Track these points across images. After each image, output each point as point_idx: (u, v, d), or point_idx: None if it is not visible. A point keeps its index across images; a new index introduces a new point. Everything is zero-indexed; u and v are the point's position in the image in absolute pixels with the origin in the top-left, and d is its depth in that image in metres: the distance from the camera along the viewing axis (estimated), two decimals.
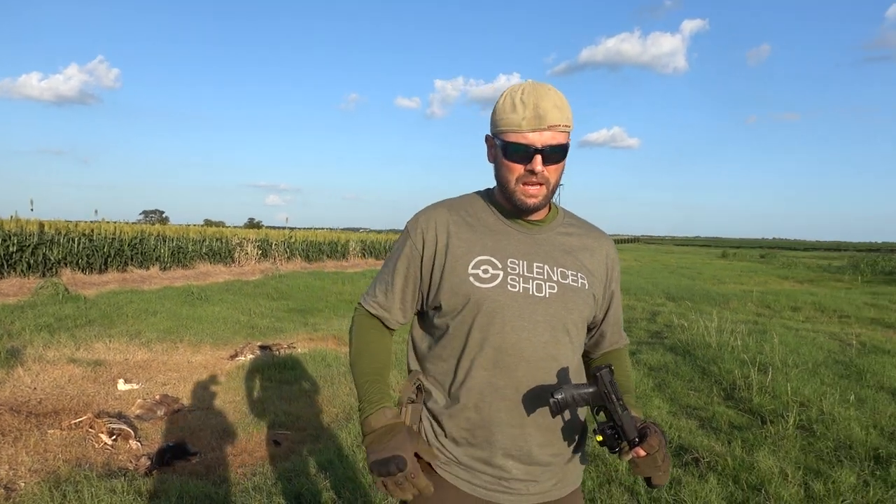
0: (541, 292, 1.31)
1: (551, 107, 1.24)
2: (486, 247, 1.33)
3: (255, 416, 4.59)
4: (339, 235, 27.04)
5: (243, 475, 3.51)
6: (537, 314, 1.29)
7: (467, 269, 1.31)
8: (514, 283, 1.30)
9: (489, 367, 1.29)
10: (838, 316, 10.80)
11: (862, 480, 3.44)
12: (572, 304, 1.33)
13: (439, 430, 1.36)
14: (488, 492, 1.32)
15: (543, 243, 1.37)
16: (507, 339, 1.28)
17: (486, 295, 1.29)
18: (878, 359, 6.52)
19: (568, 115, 1.27)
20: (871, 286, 17.85)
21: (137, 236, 16.94)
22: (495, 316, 1.28)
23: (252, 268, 19.17)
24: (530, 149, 1.25)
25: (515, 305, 1.29)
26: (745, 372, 5.61)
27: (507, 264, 1.32)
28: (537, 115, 1.24)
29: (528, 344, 1.28)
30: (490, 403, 1.29)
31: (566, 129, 1.27)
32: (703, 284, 17.45)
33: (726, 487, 3.35)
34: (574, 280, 1.35)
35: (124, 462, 3.65)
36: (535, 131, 1.24)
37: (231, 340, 7.42)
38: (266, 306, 10.73)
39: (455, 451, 1.34)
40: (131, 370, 5.77)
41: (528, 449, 1.31)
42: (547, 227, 1.39)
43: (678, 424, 4.39)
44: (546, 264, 1.34)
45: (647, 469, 1.24)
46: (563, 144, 1.27)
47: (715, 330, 7.70)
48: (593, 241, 1.44)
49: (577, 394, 1.22)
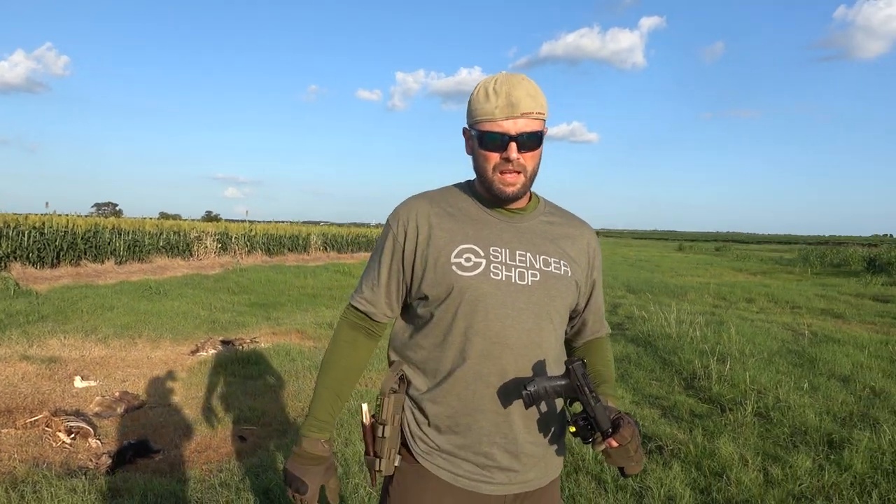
0: (523, 280, 1.31)
1: (524, 95, 1.26)
2: (469, 235, 1.34)
3: (219, 411, 4.51)
4: (301, 229, 26.67)
5: (209, 472, 3.45)
6: (520, 302, 1.30)
7: (450, 257, 1.31)
8: (497, 270, 1.31)
9: (473, 355, 1.29)
10: (790, 307, 11.17)
11: (817, 465, 3.57)
12: (555, 291, 1.34)
13: (422, 418, 1.36)
14: (471, 482, 1.32)
15: (525, 231, 1.37)
16: (490, 326, 1.29)
17: (468, 283, 1.29)
18: (828, 348, 6.77)
19: (542, 102, 1.29)
20: (821, 278, 18.49)
21: (91, 229, 16.41)
22: (478, 304, 1.29)
23: (211, 261, 18.81)
24: (505, 137, 1.27)
25: (498, 293, 1.29)
26: (704, 362, 5.76)
27: (490, 252, 1.32)
28: (510, 104, 1.25)
29: (511, 331, 1.29)
30: (474, 391, 1.30)
31: (540, 116, 1.29)
32: (662, 277, 17.83)
33: (689, 474, 3.44)
34: (556, 268, 1.36)
35: (84, 461, 3.55)
36: (508, 119, 1.26)
37: (192, 335, 7.27)
38: (227, 300, 10.55)
39: (438, 439, 1.34)
40: (88, 367, 5.61)
41: (512, 436, 1.32)
42: (528, 215, 1.40)
43: (642, 414, 4.48)
44: (528, 252, 1.35)
45: (620, 459, 1.25)
46: (538, 131, 1.29)
47: (674, 321, 7.88)
48: (575, 230, 1.45)
49: (550, 386, 1.23)
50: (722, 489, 3.26)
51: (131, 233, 17.77)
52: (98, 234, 16.56)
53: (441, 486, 1.33)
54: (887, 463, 3.54)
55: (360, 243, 28.93)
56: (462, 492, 1.32)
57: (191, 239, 19.59)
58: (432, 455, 1.34)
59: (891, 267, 19.41)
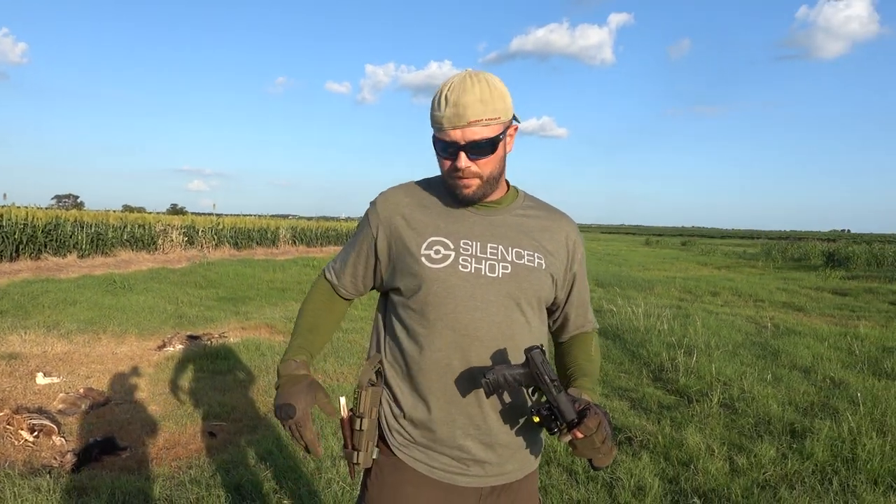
0: (494, 272, 1.31)
1: (473, 101, 1.24)
2: (440, 228, 1.34)
3: (187, 407, 4.44)
4: (269, 222, 26.35)
5: (178, 468, 3.40)
6: (490, 294, 1.30)
7: (420, 249, 1.32)
8: (466, 263, 1.31)
9: (444, 348, 1.30)
10: (754, 300, 11.43)
11: (781, 453, 3.67)
12: (526, 283, 1.33)
13: (398, 410, 1.36)
14: (446, 474, 1.33)
15: (499, 225, 1.37)
16: (459, 319, 1.29)
17: (436, 275, 1.30)
18: (790, 340, 6.96)
19: (496, 106, 1.26)
20: (782, 272, 18.96)
21: (52, 222, 15.97)
22: (447, 296, 1.29)
23: (178, 255, 18.47)
24: (453, 146, 1.27)
25: (467, 286, 1.30)
26: (671, 354, 5.87)
27: (460, 245, 1.32)
28: (457, 113, 1.24)
29: (481, 324, 1.29)
30: (446, 383, 1.31)
31: (491, 122, 1.26)
32: (630, 271, 18.08)
33: (658, 464, 3.50)
34: (530, 260, 1.35)
35: (48, 459, 3.47)
36: (455, 129, 1.25)
37: (158, 330, 7.14)
38: (194, 295, 10.38)
39: (413, 432, 1.35)
40: (51, 363, 5.47)
41: (487, 429, 1.32)
42: (504, 209, 1.40)
43: (611, 406, 4.55)
44: (501, 245, 1.34)
45: (586, 451, 1.22)
46: (487, 139, 1.26)
47: (642, 314, 8.02)
48: (553, 223, 1.44)
49: (510, 374, 1.23)
50: (689, 478, 3.33)
51: (94, 226, 17.34)
52: (59, 226, 16.11)
53: (418, 478, 1.34)
54: (847, 451, 3.66)
55: (330, 237, 28.71)
56: (439, 484, 1.33)
57: (156, 232, 19.20)
58: (409, 448, 1.35)
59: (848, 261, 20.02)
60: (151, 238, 18.99)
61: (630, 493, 3.12)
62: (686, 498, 3.12)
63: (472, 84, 1.25)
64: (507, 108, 1.28)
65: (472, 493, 1.34)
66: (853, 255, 20.51)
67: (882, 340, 7.10)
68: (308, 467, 3.33)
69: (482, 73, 1.28)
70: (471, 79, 1.26)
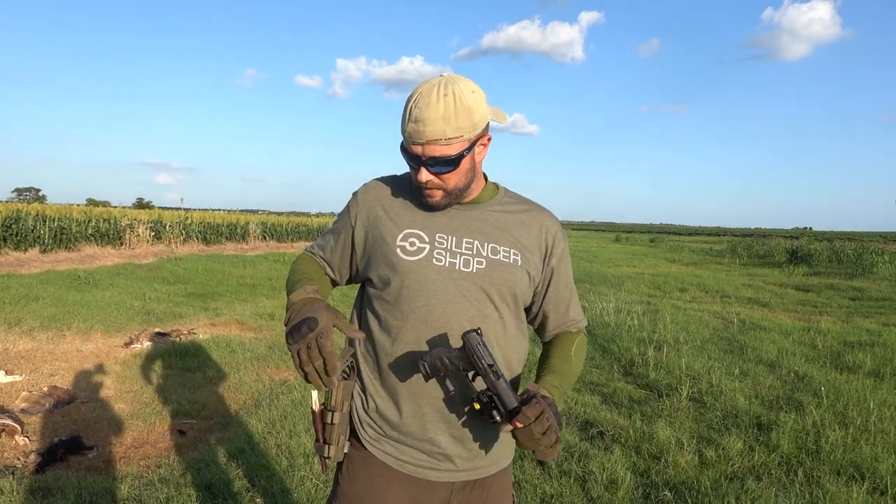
0: (468, 267, 1.31)
1: (435, 119, 1.20)
2: (416, 221, 1.35)
3: (156, 405, 4.36)
4: (239, 217, 25.96)
5: (147, 467, 3.34)
6: (463, 289, 1.30)
7: (396, 240, 1.32)
8: (441, 257, 1.31)
9: (414, 341, 1.30)
10: (720, 296, 11.66)
11: (748, 446, 3.75)
12: (500, 279, 1.32)
13: (370, 404, 1.36)
14: (417, 468, 1.33)
15: (476, 220, 1.37)
16: (431, 312, 1.29)
17: (410, 267, 1.30)
18: (756, 335, 7.11)
19: (458, 125, 1.22)
20: (748, 268, 19.37)
21: (13, 215, 15.48)
22: (420, 289, 1.29)
23: (144, 250, 18.12)
24: (415, 160, 1.26)
25: (440, 279, 1.29)
26: (641, 349, 5.95)
27: (436, 238, 1.32)
28: (417, 130, 1.22)
29: (453, 317, 1.29)
30: (417, 377, 1.30)
31: (452, 140, 1.22)
32: (600, 267, 18.29)
33: (630, 458, 3.55)
34: (506, 256, 1.34)
35: (11, 460, 3.37)
36: (415, 145, 1.24)
37: (125, 327, 7.00)
38: (162, 291, 10.20)
39: (384, 426, 1.35)
40: (12, 361, 5.32)
41: (457, 423, 1.32)
42: (482, 205, 1.39)
43: (583, 401, 4.59)
44: (476, 240, 1.34)
45: (526, 442, 1.16)
46: (448, 157, 1.23)
47: (613, 310, 8.12)
48: (531, 218, 1.42)
49: (447, 357, 1.22)
50: (660, 471, 3.38)
51: (57, 220, 16.87)
52: (20, 220, 15.64)
53: (388, 472, 1.34)
54: (811, 443, 3.76)
55: (300, 232, 28.43)
56: (409, 478, 1.33)
57: (122, 227, 18.79)
58: (380, 441, 1.35)
59: (811, 258, 20.52)
60: (117, 233, 18.57)
61: (602, 487, 3.16)
62: (657, 491, 3.16)
63: (436, 99, 1.21)
64: (473, 123, 1.24)
65: (444, 487, 1.34)
66: (815, 252, 21.03)
67: (843, 335, 7.30)
68: (280, 466, 3.30)
69: (454, 82, 1.23)
70: (438, 92, 1.21)
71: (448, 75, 1.26)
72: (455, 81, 1.23)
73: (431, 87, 1.22)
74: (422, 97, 1.22)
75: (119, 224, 18.76)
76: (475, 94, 1.24)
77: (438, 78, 1.25)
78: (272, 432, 3.74)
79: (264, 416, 4.00)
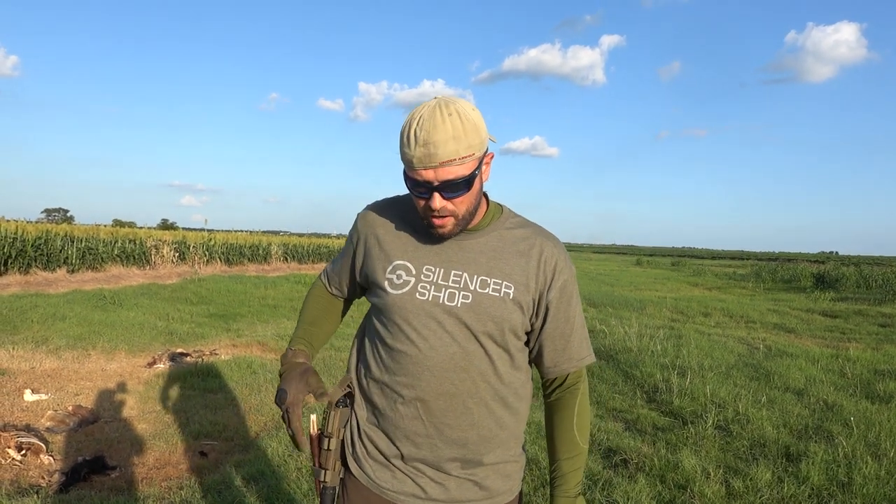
0: (452, 301, 1.26)
1: (446, 139, 1.15)
2: (406, 252, 1.32)
3: (177, 426, 4.38)
4: (261, 238, 26.26)
5: (168, 489, 3.35)
6: (445, 324, 1.26)
7: (385, 273, 1.32)
8: (425, 290, 1.27)
9: (396, 373, 1.29)
10: (745, 321, 11.46)
11: (776, 477, 3.66)
12: (486, 314, 1.26)
13: (360, 432, 1.38)
14: (405, 497, 1.33)
15: (470, 250, 1.30)
16: (412, 347, 1.27)
17: (394, 301, 1.29)
18: (782, 361, 6.96)
19: (469, 142, 1.17)
20: (773, 293, 19.06)
21: (42, 236, 15.82)
22: (404, 323, 1.28)
23: (169, 271, 18.36)
24: (426, 186, 1.19)
25: (422, 314, 1.26)
26: (665, 375, 5.86)
27: (422, 271, 1.29)
28: (428, 154, 1.15)
29: (433, 353, 1.25)
30: (396, 410, 1.30)
31: (466, 159, 1.17)
32: (622, 291, 18.12)
33: (654, 487, 3.48)
34: (496, 289, 1.27)
35: (35, 478, 3.40)
36: (427, 169, 1.17)
37: (148, 347, 7.07)
38: (185, 311, 10.30)
39: (374, 453, 1.35)
40: (39, 379, 5.40)
41: (435, 461, 1.31)
42: (479, 232, 1.32)
43: (606, 427, 4.52)
44: (465, 272, 1.28)
45: None
46: (463, 177, 1.18)
47: (635, 335, 8.02)
48: (529, 246, 1.32)
49: None
50: (686, 502, 3.31)
51: (84, 240, 17.21)
52: (49, 241, 15.97)
53: (378, 500, 1.35)
54: (842, 474, 3.65)
55: (322, 253, 28.63)
56: None
57: (147, 247, 19.09)
58: (368, 468, 1.36)
59: (838, 283, 20.17)
60: (142, 253, 18.88)
61: None
62: None
63: (442, 119, 1.15)
64: (481, 140, 1.20)
65: None
66: (843, 277, 20.66)
67: (873, 363, 7.12)
68: (300, 490, 3.29)
69: (453, 102, 1.19)
70: (441, 112, 1.16)
71: (442, 97, 1.20)
72: (454, 101, 1.19)
73: (432, 109, 1.17)
74: (425, 120, 1.16)
75: (144, 245, 19.07)
76: (476, 112, 1.20)
77: (434, 101, 1.19)
78: (292, 455, 3.74)
79: (284, 439, 4.00)
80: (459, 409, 1.28)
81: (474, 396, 1.28)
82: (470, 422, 1.29)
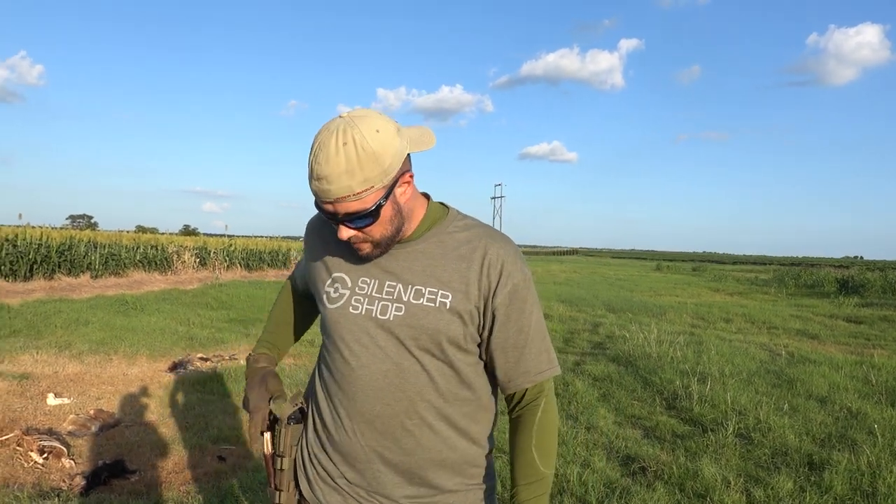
0: (385, 314, 1.18)
1: (339, 174, 1.04)
2: (344, 264, 1.26)
3: (197, 430, 4.43)
4: (280, 244, 26.51)
5: (187, 493, 3.38)
6: (378, 338, 1.18)
7: (324, 285, 1.27)
8: (358, 303, 1.21)
9: (334, 392, 1.24)
10: (767, 327, 11.31)
11: (798, 486, 3.60)
12: (419, 327, 1.17)
13: (310, 451, 1.31)
14: None
15: (405, 258, 1.21)
16: (345, 365, 1.21)
17: (330, 315, 1.24)
18: (805, 368, 6.86)
19: (365, 176, 1.05)
20: (795, 299, 18.77)
21: (66, 242, 16.12)
22: (338, 340, 1.22)
23: (190, 276, 18.57)
24: (332, 217, 1.13)
25: (355, 329, 1.20)
26: (685, 382, 5.80)
27: (358, 283, 1.23)
28: (321, 189, 1.07)
29: (365, 371, 1.18)
30: (336, 430, 1.23)
31: (362, 194, 1.07)
32: (641, 296, 17.97)
33: (673, 496, 3.44)
34: (431, 300, 1.17)
35: (57, 482, 3.45)
36: (325, 203, 1.10)
37: (169, 352, 7.15)
38: (206, 316, 10.41)
39: (321, 472, 1.28)
40: (62, 384, 5.48)
41: (378, 487, 1.22)
42: (417, 240, 1.22)
43: (624, 434, 4.48)
44: (400, 283, 1.20)
45: None
46: (364, 210, 1.09)
47: (654, 341, 7.94)
48: (471, 249, 1.20)
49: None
50: None
51: (108, 246, 17.49)
52: (73, 247, 16.27)
53: None
54: (866, 484, 3.58)
55: None
56: None
57: (169, 253, 19.34)
58: (316, 487, 1.28)
59: (862, 288, 19.80)
60: (164, 259, 19.13)
61: None
62: None
63: (336, 150, 1.04)
64: (383, 170, 1.07)
65: None
66: (868, 282, 20.28)
67: None
68: None
69: (353, 126, 1.06)
70: (337, 141, 1.04)
71: (348, 115, 1.08)
72: (355, 125, 1.06)
73: (330, 134, 1.06)
74: (321, 149, 1.06)
75: (166, 250, 19.31)
76: (381, 134, 1.06)
77: (339, 121, 1.07)
78: None
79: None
80: (398, 430, 1.19)
81: (413, 417, 1.19)
82: (412, 444, 1.19)
